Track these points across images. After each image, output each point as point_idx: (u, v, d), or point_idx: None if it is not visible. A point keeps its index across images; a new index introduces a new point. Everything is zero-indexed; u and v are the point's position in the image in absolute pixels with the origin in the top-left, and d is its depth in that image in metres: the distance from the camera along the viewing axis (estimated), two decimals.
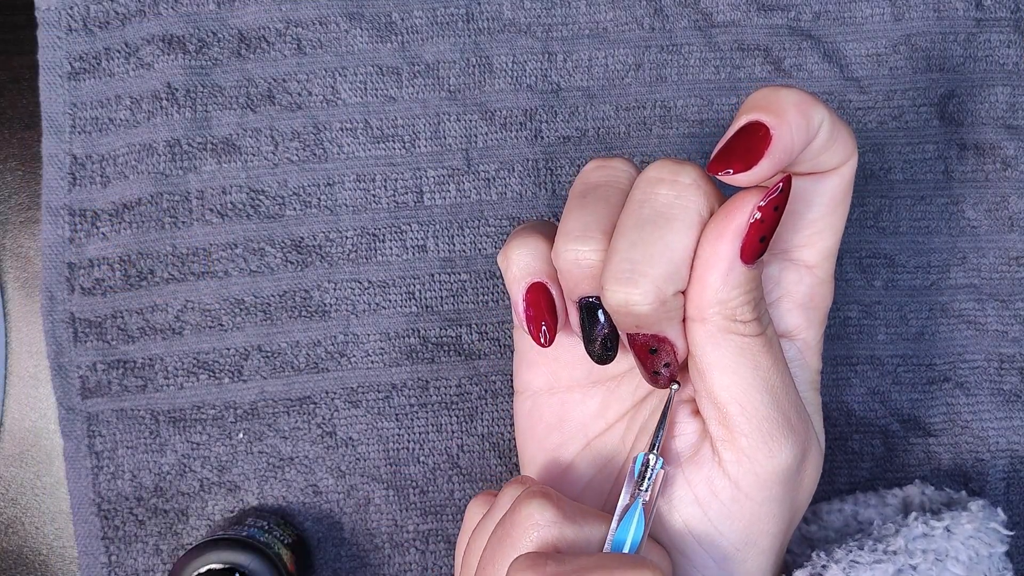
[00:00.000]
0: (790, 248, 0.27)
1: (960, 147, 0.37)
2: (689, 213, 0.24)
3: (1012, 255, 0.37)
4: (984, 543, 0.28)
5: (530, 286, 0.28)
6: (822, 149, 0.25)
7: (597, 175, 0.27)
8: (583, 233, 0.25)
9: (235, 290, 0.37)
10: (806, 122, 0.24)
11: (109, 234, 0.37)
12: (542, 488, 0.26)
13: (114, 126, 0.37)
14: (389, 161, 0.37)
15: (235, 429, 0.36)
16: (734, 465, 0.25)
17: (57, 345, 0.36)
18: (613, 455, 0.29)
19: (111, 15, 0.37)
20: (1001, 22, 0.37)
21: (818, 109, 0.24)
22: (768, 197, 0.24)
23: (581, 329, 0.27)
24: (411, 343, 0.37)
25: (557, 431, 0.30)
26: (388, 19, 0.37)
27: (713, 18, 0.37)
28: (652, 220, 0.24)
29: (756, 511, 0.26)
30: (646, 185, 0.25)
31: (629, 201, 0.25)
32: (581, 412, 0.30)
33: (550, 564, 0.23)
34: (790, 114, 0.23)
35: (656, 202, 0.25)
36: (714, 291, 0.24)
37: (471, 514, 0.29)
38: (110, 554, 0.36)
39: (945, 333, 0.37)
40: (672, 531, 0.26)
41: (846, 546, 0.28)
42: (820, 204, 0.26)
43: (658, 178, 0.25)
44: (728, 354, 0.25)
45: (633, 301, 0.24)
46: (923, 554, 0.27)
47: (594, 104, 0.37)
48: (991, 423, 0.36)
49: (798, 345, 0.27)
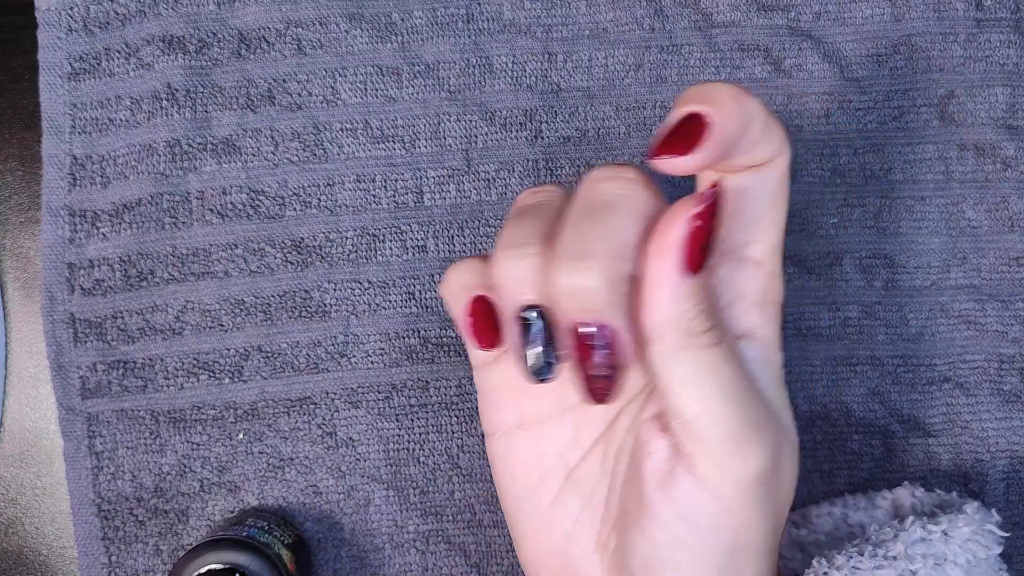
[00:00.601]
0: (737, 247, 0.27)
1: (960, 147, 0.37)
2: (633, 202, 0.25)
3: (1012, 255, 0.37)
4: (981, 546, 0.28)
5: (471, 299, 0.28)
6: (757, 139, 0.25)
7: (531, 199, 0.27)
8: (521, 241, 0.26)
9: (235, 290, 0.37)
10: (740, 109, 0.24)
11: (109, 234, 0.37)
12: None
13: (114, 126, 0.37)
14: (389, 161, 0.37)
15: (235, 429, 0.36)
16: (712, 477, 0.25)
17: (57, 345, 0.36)
18: (596, 484, 0.29)
19: (111, 15, 0.37)
20: (1001, 22, 0.37)
21: (750, 99, 0.25)
22: (703, 203, 0.24)
23: (520, 342, 0.26)
24: (411, 343, 0.37)
25: (536, 467, 0.30)
26: (388, 19, 0.37)
27: (713, 18, 0.37)
28: (598, 208, 0.25)
29: (743, 516, 0.26)
30: (589, 183, 0.26)
31: (573, 200, 0.26)
32: (555, 443, 0.29)
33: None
34: (725, 104, 0.24)
35: (600, 195, 0.25)
36: (666, 307, 0.24)
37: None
38: (110, 554, 0.36)
39: (945, 333, 0.37)
40: (663, 552, 0.26)
41: (846, 552, 0.28)
42: (761, 199, 0.26)
43: (600, 176, 0.25)
44: (689, 370, 0.25)
45: (584, 280, 0.24)
46: (923, 559, 0.27)
47: (594, 104, 0.37)
48: (991, 423, 0.36)
49: (758, 344, 0.27)
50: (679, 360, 0.25)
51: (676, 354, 0.24)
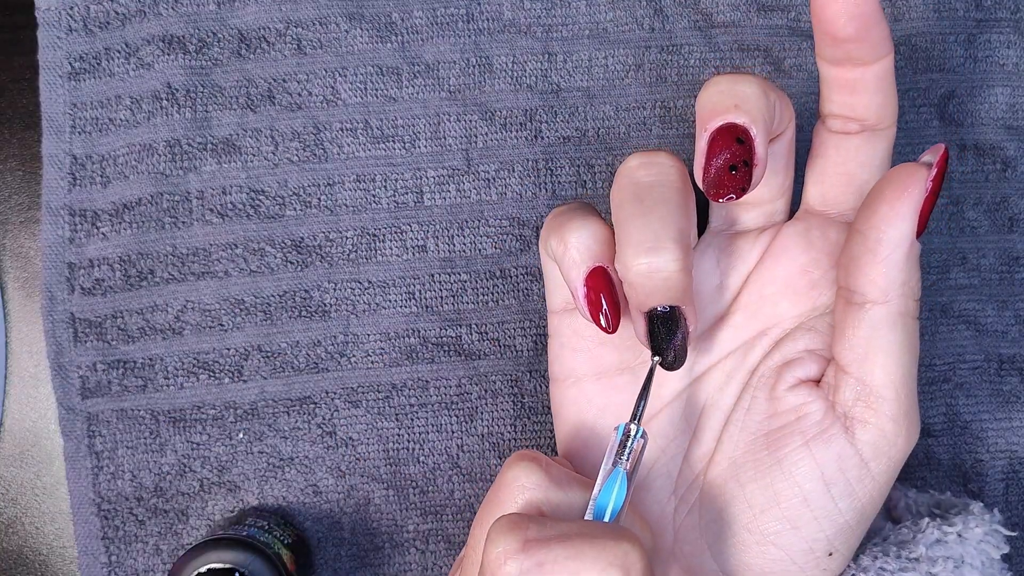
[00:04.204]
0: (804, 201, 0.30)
1: (960, 147, 0.37)
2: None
3: (1012, 255, 0.37)
4: (992, 546, 0.28)
5: (591, 270, 0.27)
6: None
7: (645, 173, 0.27)
8: (655, 244, 0.25)
9: (235, 290, 0.37)
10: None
11: (109, 234, 0.37)
12: (532, 452, 0.26)
13: (114, 126, 0.37)
14: (389, 161, 0.37)
15: (235, 429, 0.36)
16: (870, 447, 0.25)
17: (57, 345, 0.37)
18: (676, 435, 0.29)
19: (111, 15, 0.37)
20: (1001, 22, 0.37)
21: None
22: (937, 169, 0.24)
23: (650, 338, 0.27)
24: (411, 343, 0.37)
25: (611, 415, 0.29)
26: (388, 19, 0.37)
27: (713, 18, 0.37)
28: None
29: (878, 490, 0.26)
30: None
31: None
32: (630, 395, 0.29)
33: (531, 527, 0.23)
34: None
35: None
36: (899, 270, 0.24)
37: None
38: (110, 554, 0.36)
39: (945, 333, 0.37)
40: (787, 504, 0.26)
41: (870, 552, 0.28)
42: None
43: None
44: (900, 338, 0.25)
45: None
46: (943, 561, 0.27)
47: (594, 104, 0.37)
48: (990, 424, 0.36)
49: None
50: (897, 326, 0.25)
51: (896, 320, 0.25)
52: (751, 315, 0.29)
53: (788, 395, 0.27)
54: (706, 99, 0.26)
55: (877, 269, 0.24)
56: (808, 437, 0.26)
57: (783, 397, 0.27)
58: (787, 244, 0.29)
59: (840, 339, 0.26)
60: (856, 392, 0.26)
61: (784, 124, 0.27)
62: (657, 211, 0.26)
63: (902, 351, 0.25)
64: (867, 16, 0.25)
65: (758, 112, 0.25)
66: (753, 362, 0.29)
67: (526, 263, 0.37)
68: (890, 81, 0.27)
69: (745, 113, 0.25)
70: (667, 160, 0.27)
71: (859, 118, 0.27)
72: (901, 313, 0.25)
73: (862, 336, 0.25)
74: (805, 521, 0.26)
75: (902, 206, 0.24)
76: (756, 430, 0.28)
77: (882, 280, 0.24)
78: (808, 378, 0.28)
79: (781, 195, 0.29)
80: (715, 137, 0.25)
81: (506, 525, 0.23)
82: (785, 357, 0.28)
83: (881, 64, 0.26)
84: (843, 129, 0.28)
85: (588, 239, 0.27)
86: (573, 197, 0.37)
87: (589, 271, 0.27)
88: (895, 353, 0.25)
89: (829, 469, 0.26)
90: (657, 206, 0.26)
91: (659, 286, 0.25)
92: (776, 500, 0.27)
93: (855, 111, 0.27)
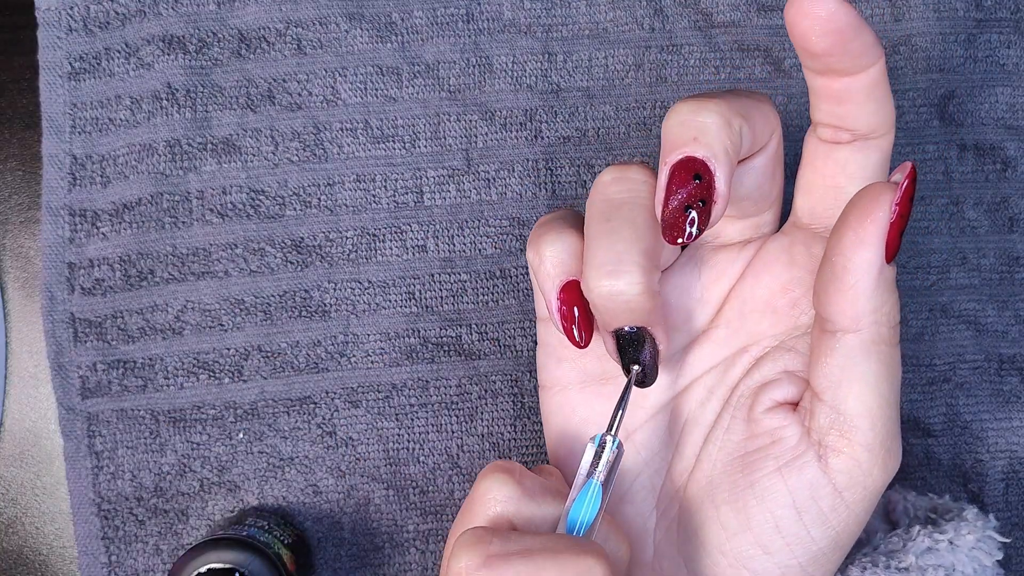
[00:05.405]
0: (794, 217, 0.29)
1: (960, 147, 0.37)
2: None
3: (1012, 255, 0.37)
4: (985, 553, 0.28)
5: (564, 284, 0.27)
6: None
7: (616, 190, 0.26)
8: (616, 267, 0.25)
9: (235, 290, 0.37)
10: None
11: (109, 234, 0.37)
12: (506, 464, 0.26)
13: (114, 126, 0.37)
14: (389, 161, 0.37)
15: (235, 429, 0.36)
16: (844, 476, 0.25)
17: (57, 345, 0.37)
18: (660, 449, 0.29)
19: (111, 15, 0.37)
20: (1001, 22, 0.37)
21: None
22: (903, 188, 0.23)
23: (619, 356, 0.26)
24: (411, 343, 0.37)
25: (592, 426, 0.29)
26: (388, 19, 0.37)
27: (713, 18, 0.37)
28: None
29: (854, 519, 0.25)
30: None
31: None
32: (615, 404, 0.29)
33: (495, 541, 0.23)
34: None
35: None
36: (867, 299, 0.23)
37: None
38: (110, 554, 0.36)
39: (945, 333, 0.37)
40: (759, 530, 0.26)
41: (859, 562, 0.28)
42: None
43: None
44: (875, 367, 0.24)
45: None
46: (933, 570, 0.27)
47: (594, 104, 0.37)
48: (991, 424, 0.36)
49: None
50: (871, 354, 0.24)
51: (870, 347, 0.24)
52: (733, 331, 0.29)
53: (764, 418, 0.27)
54: (667, 130, 0.25)
55: (845, 297, 0.23)
56: (781, 463, 0.26)
57: (760, 419, 0.27)
58: (769, 260, 0.28)
59: (815, 365, 0.25)
60: (830, 420, 0.25)
61: (764, 139, 0.26)
62: (623, 231, 0.25)
63: (878, 380, 0.24)
64: (844, 29, 0.23)
65: (719, 144, 0.24)
66: (734, 379, 0.28)
67: (526, 263, 0.37)
68: (882, 88, 0.25)
69: (704, 146, 0.24)
70: (639, 176, 0.26)
71: (850, 128, 0.26)
72: (875, 341, 0.24)
73: (835, 364, 0.24)
74: (777, 547, 0.26)
75: (866, 232, 0.23)
76: (733, 451, 0.27)
77: (850, 309, 0.24)
78: (786, 400, 0.27)
79: (768, 207, 0.28)
80: (673, 173, 0.24)
81: (470, 539, 0.23)
82: (764, 377, 0.28)
83: (869, 73, 0.25)
84: (834, 138, 0.27)
85: (562, 253, 0.27)
86: (573, 197, 0.37)
87: (562, 285, 0.27)
88: (870, 382, 0.24)
89: (801, 497, 0.25)
90: (624, 226, 0.25)
91: (621, 308, 0.25)
92: (748, 524, 0.26)
93: (845, 121, 0.26)
